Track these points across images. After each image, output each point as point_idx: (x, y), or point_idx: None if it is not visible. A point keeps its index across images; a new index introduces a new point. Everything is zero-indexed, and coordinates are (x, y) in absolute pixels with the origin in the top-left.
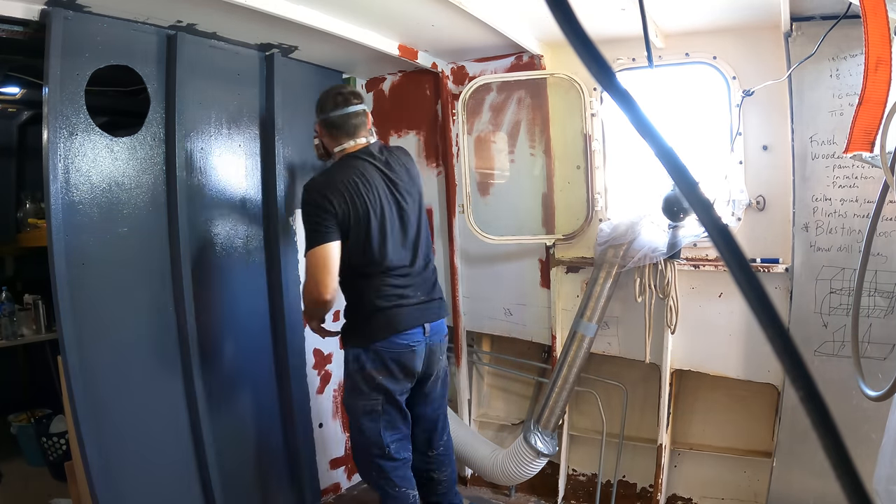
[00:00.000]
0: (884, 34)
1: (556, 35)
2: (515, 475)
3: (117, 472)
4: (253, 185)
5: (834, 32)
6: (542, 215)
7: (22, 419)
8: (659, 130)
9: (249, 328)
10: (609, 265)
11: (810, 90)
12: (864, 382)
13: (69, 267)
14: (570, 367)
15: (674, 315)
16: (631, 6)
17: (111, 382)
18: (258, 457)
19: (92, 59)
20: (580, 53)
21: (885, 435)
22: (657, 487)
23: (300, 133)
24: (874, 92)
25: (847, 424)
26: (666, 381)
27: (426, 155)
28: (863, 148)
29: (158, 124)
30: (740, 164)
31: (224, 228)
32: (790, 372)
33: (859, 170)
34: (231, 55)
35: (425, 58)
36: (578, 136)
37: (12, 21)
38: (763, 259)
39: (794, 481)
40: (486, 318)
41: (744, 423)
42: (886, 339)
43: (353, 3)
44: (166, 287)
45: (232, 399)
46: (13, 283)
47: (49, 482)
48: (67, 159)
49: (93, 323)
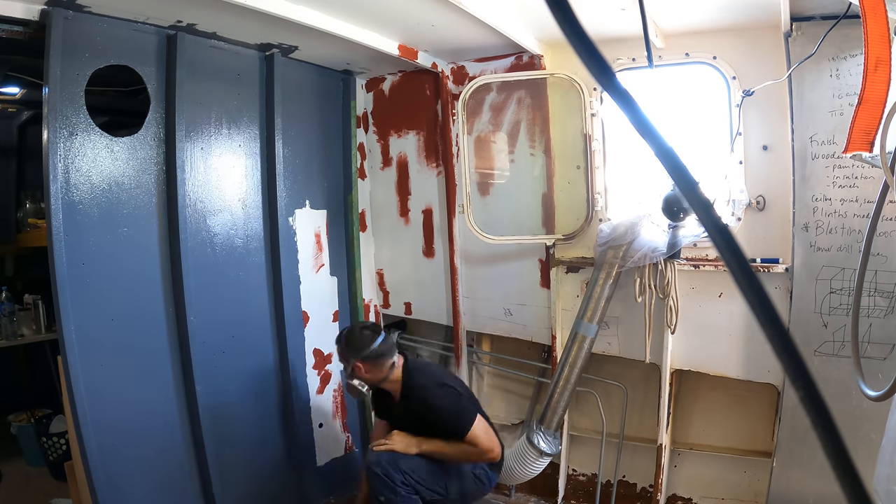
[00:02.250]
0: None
1: (556, 35)
2: (518, 475)
3: (117, 472)
4: (253, 185)
5: (834, 32)
6: (542, 215)
7: (22, 419)
8: (659, 130)
9: (249, 328)
10: (609, 265)
11: (810, 90)
12: (864, 382)
13: (69, 267)
14: (571, 368)
15: (674, 315)
16: (631, 6)
17: (111, 382)
18: (258, 457)
19: (92, 59)
20: (580, 53)
21: (885, 435)
22: (657, 487)
23: (300, 133)
24: (874, 92)
25: (847, 424)
26: (666, 381)
27: (426, 155)
28: (862, 148)
29: (158, 124)
30: (740, 164)
31: (224, 228)
32: (790, 372)
33: (859, 170)
34: (231, 55)
35: (425, 58)
36: (578, 136)
37: (12, 21)
38: (763, 259)
39: (794, 481)
40: (486, 318)
41: (744, 423)
42: (886, 339)
43: (353, 3)
44: (166, 287)
45: (232, 399)
46: (13, 283)
47: (49, 482)
48: (67, 159)
49: (93, 323)
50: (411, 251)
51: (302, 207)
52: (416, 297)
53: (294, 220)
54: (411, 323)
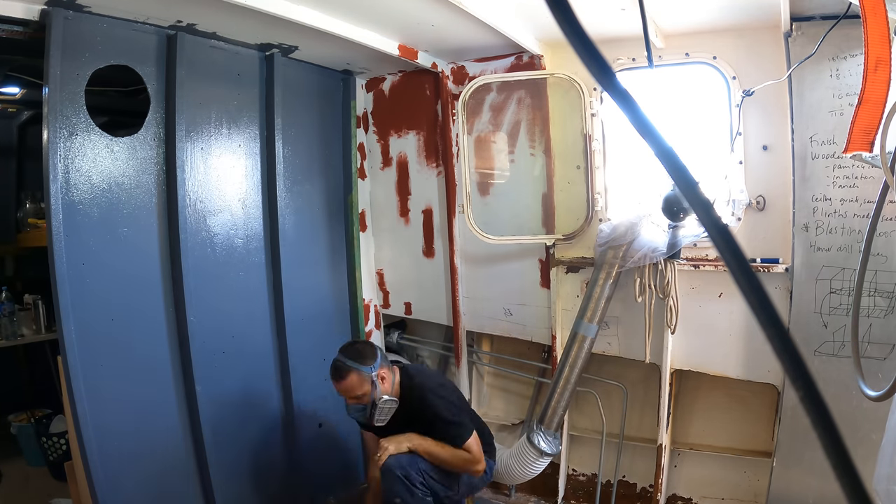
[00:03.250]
0: (883, 34)
1: (556, 35)
2: (519, 475)
3: (117, 472)
4: (253, 185)
5: (834, 32)
6: (542, 215)
7: (22, 419)
8: (659, 130)
9: (250, 328)
10: (609, 265)
11: (810, 90)
12: (864, 382)
13: (69, 267)
14: (571, 368)
15: (674, 315)
16: (631, 6)
17: (111, 382)
18: (258, 456)
19: (92, 59)
20: (580, 53)
21: (885, 435)
22: (657, 487)
23: (300, 133)
24: (874, 92)
25: (847, 424)
26: (666, 381)
27: (426, 155)
28: (862, 148)
29: (158, 124)
30: (740, 164)
31: (224, 228)
32: (790, 372)
33: (859, 170)
34: (231, 55)
35: (425, 58)
36: (578, 136)
37: (12, 21)
38: (763, 259)
39: (794, 481)
40: (486, 318)
41: (744, 423)
42: (886, 339)
43: (353, 3)
44: (166, 287)
45: (232, 399)
46: (13, 283)
47: (49, 482)
48: (67, 159)
49: (93, 323)
50: (411, 251)
51: (302, 207)
52: (416, 297)
53: (294, 220)
54: (411, 323)
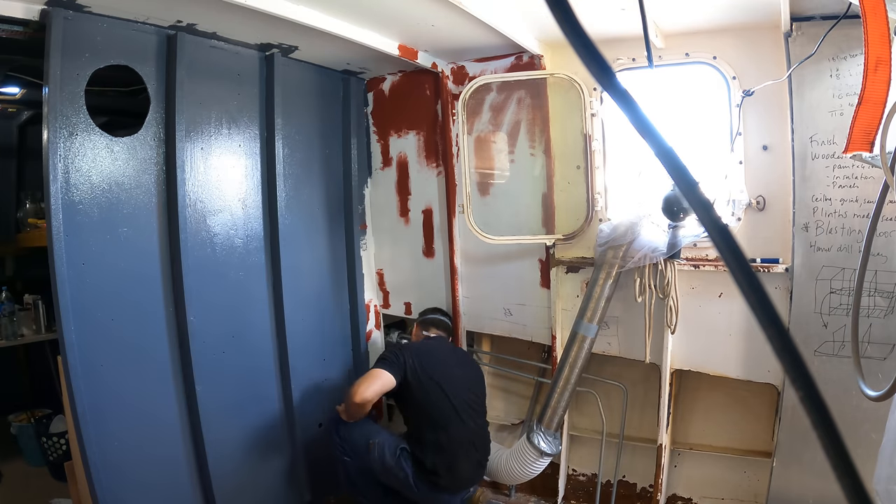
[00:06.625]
0: (883, 34)
1: (556, 35)
2: (519, 475)
3: (117, 472)
4: (253, 185)
5: (834, 32)
6: (542, 215)
7: (22, 419)
8: (659, 130)
9: (250, 328)
10: (609, 266)
11: (810, 90)
12: (864, 382)
13: (69, 267)
14: (571, 368)
15: (674, 315)
16: (631, 6)
17: (111, 382)
18: (258, 456)
19: (92, 59)
20: (580, 53)
21: (885, 435)
22: (657, 487)
23: (300, 133)
24: (874, 92)
25: (847, 424)
26: (666, 381)
27: (426, 155)
28: (862, 148)
29: (158, 124)
30: (740, 164)
31: (224, 228)
32: (790, 372)
33: (859, 170)
34: (231, 55)
35: (425, 58)
36: (578, 136)
37: (12, 21)
38: (763, 259)
39: (794, 481)
40: (487, 318)
41: (744, 423)
42: (886, 339)
43: (353, 3)
44: (167, 287)
45: (232, 399)
46: (13, 283)
47: (49, 482)
48: (67, 159)
49: (93, 323)
50: (411, 251)
51: (302, 207)
52: (416, 298)
53: (294, 220)
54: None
